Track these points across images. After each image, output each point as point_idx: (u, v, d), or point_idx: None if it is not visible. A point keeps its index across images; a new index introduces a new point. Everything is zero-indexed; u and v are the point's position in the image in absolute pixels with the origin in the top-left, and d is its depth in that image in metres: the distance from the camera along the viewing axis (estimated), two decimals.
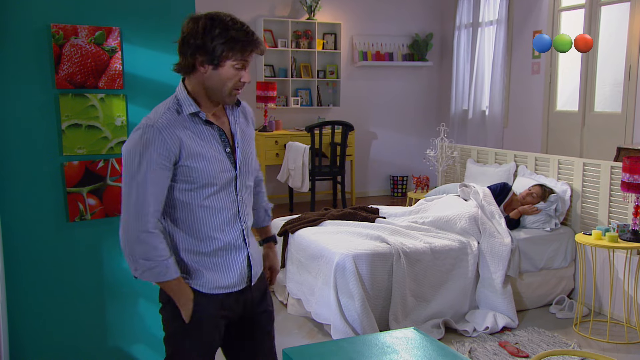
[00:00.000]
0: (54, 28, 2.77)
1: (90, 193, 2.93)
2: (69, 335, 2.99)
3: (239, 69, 2.00)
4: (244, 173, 2.16)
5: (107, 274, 3.03)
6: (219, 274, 2.13)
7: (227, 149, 2.11)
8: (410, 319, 4.07)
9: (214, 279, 2.13)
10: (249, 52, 1.99)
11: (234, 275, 2.16)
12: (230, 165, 2.11)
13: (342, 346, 2.15)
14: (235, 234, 2.15)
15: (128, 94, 2.96)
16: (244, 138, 2.18)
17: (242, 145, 2.16)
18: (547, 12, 7.13)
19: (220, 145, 2.09)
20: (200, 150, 2.03)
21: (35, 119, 2.81)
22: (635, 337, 4.14)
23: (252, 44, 1.99)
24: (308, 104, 8.35)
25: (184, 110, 2.02)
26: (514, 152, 5.56)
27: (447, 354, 2.06)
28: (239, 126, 2.18)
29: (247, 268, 2.19)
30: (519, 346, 3.94)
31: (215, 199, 2.10)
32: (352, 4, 8.46)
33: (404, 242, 4.19)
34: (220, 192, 2.10)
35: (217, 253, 2.13)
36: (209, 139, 2.07)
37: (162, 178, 1.97)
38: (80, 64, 2.84)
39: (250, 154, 2.20)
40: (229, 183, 2.11)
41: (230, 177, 2.11)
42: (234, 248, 2.15)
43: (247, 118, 2.25)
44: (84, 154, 2.90)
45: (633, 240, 4.10)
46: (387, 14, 8.68)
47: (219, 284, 2.14)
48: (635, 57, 6.00)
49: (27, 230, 2.85)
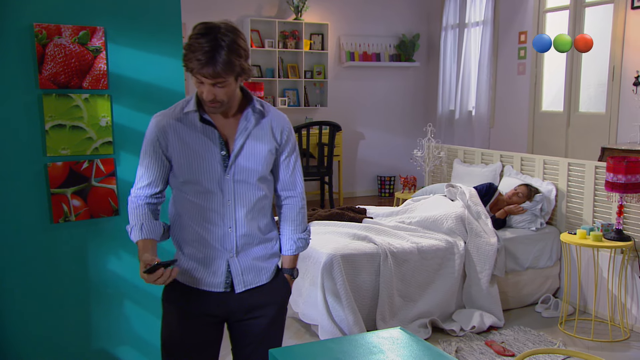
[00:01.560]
0: (37, 27, 2.73)
1: (75, 194, 2.89)
2: (55, 336, 2.96)
3: (200, 83, 2.00)
4: (240, 179, 2.13)
5: (93, 276, 3.00)
6: (195, 266, 2.19)
7: (223, 152, 2.11)
8: (398, 319, 4.06)
9: (187, 270, 2.20)
10: (196, 72, 1.96)
11: (210, 274, 2.18)
12: (221, 168, 2.11)
13: (329, 346, 2.14)
14: (217, 236, 2.16)
15: (113, 94, 2.93)
16: (250, 149, 2.14)
17: (243, 154, 2.13)
18: (532, 13, 7.16)
19: (215, 146, 2.10)
20: (188, 146, 2.09)
21: (19, 120, 2.77)
22: (619, 335, 4.16)
23: (195, 65, 1.93)
24: (295, 104, 8.34)
25: (186, 108, 2.11)
26: (500, 152, 5.58)
27: (433, 354, 2.06)
28: (249, 135, 2.14)
29: (227, 273, 2.19)
30: (505, 345, 3.95)
31: (201, 197, 2.13)
32: (339, 5, 8.46)
33: (391, 242, 4.19)
34: (206, 191, 2.12)
35: (194, 245, 2.18)
36: (202, 137, 2.10)
37: (152, 161, 2.14)
38: (64, 64, 2.80)
39: (253, 163, 2.15)
40: (216, 184, 2.11)
41: (217, 179, 2.11)
42: (214, 249, 2.17)
43: (275, 133, 2.19)
44: (68, 154, 2.86)
45: (617, 239, 4.12)
46: (374, 15, 8.68)
47: (189, 277, 2.19)
48: (619, 58, 6.04)
49: (11, 231, 2.81)
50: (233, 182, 2.13)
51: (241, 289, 2.20)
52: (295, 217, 2.33)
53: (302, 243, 2.35)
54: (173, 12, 3.02)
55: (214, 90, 1.99)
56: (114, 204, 2.96)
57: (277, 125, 2.20)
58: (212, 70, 1.94)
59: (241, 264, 2.20)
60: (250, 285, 2.22)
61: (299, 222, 2.34)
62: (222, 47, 1.93)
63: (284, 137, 2.22)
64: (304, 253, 4.13)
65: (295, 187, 2.31)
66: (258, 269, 2.24)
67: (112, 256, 3.01)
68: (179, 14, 3.00)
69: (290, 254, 2.34)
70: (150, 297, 3.06)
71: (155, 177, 2.17)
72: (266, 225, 2.27)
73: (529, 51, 7.22)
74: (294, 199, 2.32)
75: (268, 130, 2.18)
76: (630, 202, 4.22)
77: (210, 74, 1.94)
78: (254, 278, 2.23)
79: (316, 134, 7.50)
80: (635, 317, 4.27)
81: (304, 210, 2.36)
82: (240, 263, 2.19)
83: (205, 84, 1.98)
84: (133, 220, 2.18)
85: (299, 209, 2.33)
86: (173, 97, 3.03)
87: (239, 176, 2.13)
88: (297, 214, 2.33)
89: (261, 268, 2.25)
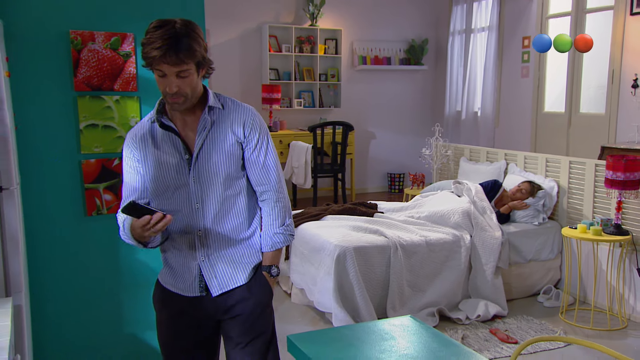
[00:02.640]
0: (72, 34, 2.77)
1: (106, 189, 2.93)
2: (88, 321, 3.00)
3: (162, 77, 1.86)
4: (204, 182, 1.98)
5: (122, 265, 3.03)
6: (169, 271, 2.09)
7: (186, 156, 1.97)
8: (407, 308, 4.07)
9: (168, 275, 2.10)
10: (155, 61, 1.82)
11: (182, 279, 2.06)
12: (185, 172, 1.98)
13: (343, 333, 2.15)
14: (187, 240, 2.03)
15: (141, 96, 2.96)
16: (209, 148, 1.98)
17: (205, 154, 1.97)
18: (536, 19, 7.11)
19: (177, 152, 1.97)
20: (154, 155, 1.98)
21: (56, 120, 2.81)
22: (617, 324, 4.14)
23: (156, 53, 1.79)
24: (311, 105, 8.34)
25: (151, 116, 2.01)
26: (505, 150, 5.55)
27: (441, 340, 2.06)
28: (207, 134, 1.97)
29: (199, 277, 2.05)
30: (508, 333, 3.94)
31: (172, 204, 2.00)
32: (352, 11, 8.45)
33: (400, 236, 4.19)
34: (173, 197, 2.00)
35: (170, 250, 2.07)
36: (165, 143, 1.98)
37: (130, 174, 2.03)
38: (97, 68, 2.84)
39: (215, 163, 1.98)
40: (183, 189, 1.99)
41: (181, 184, 1.98)
42: (185, 254, 2.05)
43: (234, 128, 2.00)
44: (101, 152, 2.90)
45: (616, 233, 4.09)
46: (385, 21, 8.66)
47: (167, 280, 2.10)
48: (618, 62, 5.99)
49: (49, 223, 2.86)
50: (198, 184, 1.98)
51: (217, 292, 2.05)
52: (271, 211, 2.09)
53: (280, 238, 2.10)
54: (197, 18, 3.03)
55: (177, 82, 1.85)
56: None
57: (237, 119, 2.00)
58: (175, 56, 1.80)
59: (213, 267, 2.04)
60: (225, 288, 2.05)
61: (275, 216, 2.09)
62: (181, 34, 1.81)
63: (247, 131, 2.00)
64: (318, 245, 4.18)
65: (269, 181, 2.07)
66: (232, 270, 2.06)
67: None
68: (203, 20, 3.02)
69: (268, 251, 2.11)
70: None
71: (135, 189, 2.03)
72: (240, 224, 2.06)
73: (532, 55, 7.17)
74: (268, 193, 2.09)
75: (227, 126, 1.99)
76: (629, 199, 4.19)
77: (173, 60, 1.80)
78: (229, 280, 2.06)
79: (330, 134, 7.50)
80: (633, 307, 4.24)
81: (280, 204, 2.10)
82: (212, 266, 2.04)
83: (167, 77, 1.84)
84: (120, 221, 2.00)
85: (274, 203, 2.09)
86: None
87: (203, 177, 1.98)
88: (272, 208, 2.09)
89: (236, 269, 2.07)
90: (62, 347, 2.96)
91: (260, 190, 2.09)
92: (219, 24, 7.60)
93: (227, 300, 2.06)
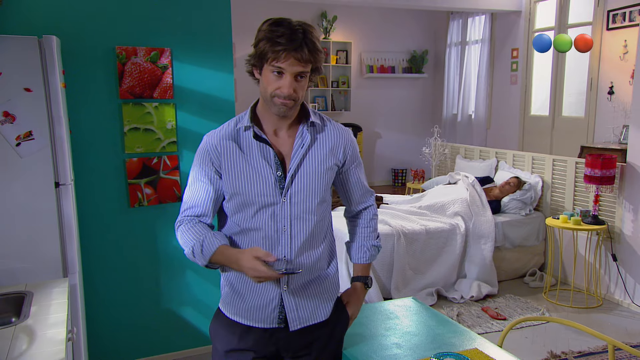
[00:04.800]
0: (118, 49, 2.79)
1: (147, 184, 2.95)
2: (131, 297, 3.04)
3: (276, 75, 1.48)
4: (298, 202, 1.56)
5: (161, 250, 3.06)
6: (238, 299, 1.62)
7: (279, 173, 1.55)
8: (409, 289, 4.07)
9: (236, 303, 1.62)
10: (282, 55, 1.45)
11: (257, 308, 1.59)
12: (277, 190, 1.54)
13: None
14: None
15: (177, 103, 2.98)
16: (308, 169, 1.57)
17: (304, 173, 1.56)
18: (523, 33, 7.03)
19: (270, 166, 1.54)
20: (242, 166, 1.55)
21: (103, 124, 2.84)
22: (593, 302, 4.11)
23: (283, 47, 1.44)
24: (323, 109, 8.32)
25: (239, 124, 1.59)
26: (496, 149, 5.52)
27: (439, 319, 2.06)
28: (306, 153, 1.58)
29: (279, 307, 1.59)
30: (498, 310, 3.93)
31: (254, 223, 1.56)
32: (361, 26, 8.41)
33: (403, 225, 4.18)
34: (259, 217, 1.55)
35: (244, 277, 1.59)
36: (257, 156, 1.55)
37: (203, 184, 1.58)
38: (139, 79, 2.85)
39: (313, 184, 1.57)
40: (270, 208, 1.55)
41: (271, 202, 1.54)
42: (266, 282, 1.56)
43: (335, 151, 1.63)
44: (142, 152, 2.92)
45: (593, 223, 4.06)
46: (389, 34, 8.61)
47: (237, 311, 1.62)
48: (596, 71, 5.91)
49: (97, 214, 2.89)
50: (290, 205, 1.55)
51: (296, 326, 1.61)
52: (369, 223, 1.78)
53: (375, 251, 1.79)
54: (225, 34, 3.04)
55: (294, 84, 1.49)
56: (177, 192, 3.01)
57: (339, 142, 1.64)
58: (307, 52, 1.46)
59: (295, 298, 1.60)
60: (305, 323, 1.62)
61: (373, 228, 1.78)
62: (306, 31, 1.47)
63: (348, 154, 1.66)
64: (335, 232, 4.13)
65: (368, 198, 1.77)
66: (315, 304, 1.64)
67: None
68: (230, 35, 3.02)
69: (364, 262, 1.78)
70: (207, 269, 3.11)
71: (205, 205, 1.59)
72: (325, 253, 1.67)
73: (521, 64, 7.10)
74: (368, 209, 1.78)
75: (326, 147, 1.61)
76: (605, 193, 4.15)
77: (303, 56, 1.45)
78: (310, 315, 1.63)
79: None
80: (607, 287, 4.21)
81: (376, 218, 1.81)
82: (294, 297, 1.60)
83: (285, 76, 1.48)
84: (192, 240, 1.55)
85: (373, 215, 1.79)
86: (225, 104, 3.07)
87: (297, 199, 1.56)
88: (370, 220, 1.78)
89: (319, 304, 1.64)
90: (110, 320, 3.00)
91: (360, 208, 1.78)
92: (244, 38, 7.59)
93: (304, 336, 1.63)
